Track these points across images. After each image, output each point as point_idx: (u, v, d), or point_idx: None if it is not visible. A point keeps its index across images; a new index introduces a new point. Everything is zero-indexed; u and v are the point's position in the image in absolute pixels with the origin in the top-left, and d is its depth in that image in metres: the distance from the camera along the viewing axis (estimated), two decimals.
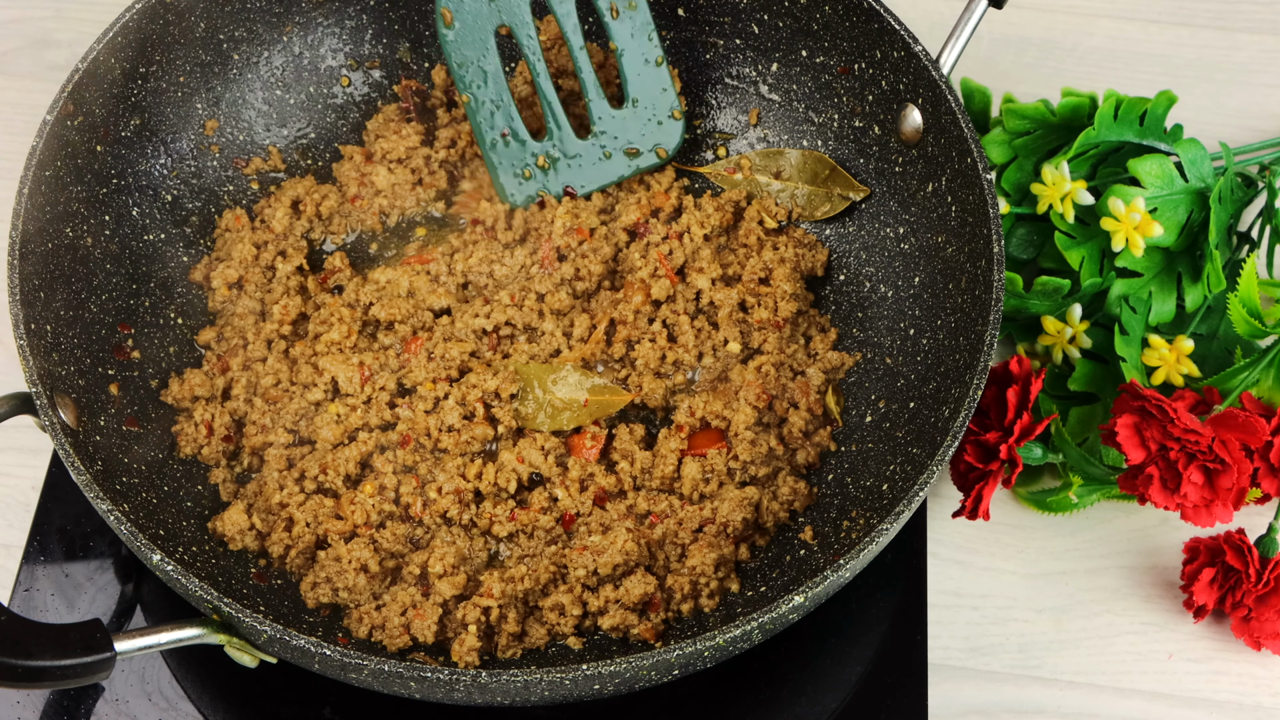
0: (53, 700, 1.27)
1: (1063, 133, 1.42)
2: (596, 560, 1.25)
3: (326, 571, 1.25)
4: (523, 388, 1.33)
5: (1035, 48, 1.59)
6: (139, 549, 1.13)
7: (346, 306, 1.36)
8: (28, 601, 1.30)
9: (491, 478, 1.29)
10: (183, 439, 1.30)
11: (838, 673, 1.29)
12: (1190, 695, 1.30)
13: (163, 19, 1.33)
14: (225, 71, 1.40)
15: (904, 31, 1.31)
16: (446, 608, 1.24)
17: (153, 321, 1.34)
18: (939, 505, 1.36)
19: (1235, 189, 1.37)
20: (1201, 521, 1.26)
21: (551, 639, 1.25)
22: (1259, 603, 1.28)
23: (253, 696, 1.27)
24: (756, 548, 1.29)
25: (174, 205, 1.38)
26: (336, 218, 1.41)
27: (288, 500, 1.28)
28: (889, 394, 1.32)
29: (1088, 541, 1.36)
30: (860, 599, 1.31)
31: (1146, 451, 1.26)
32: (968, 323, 1.25)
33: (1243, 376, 1.30)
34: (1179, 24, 1.61)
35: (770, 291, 1.37)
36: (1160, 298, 1.35)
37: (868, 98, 1.36)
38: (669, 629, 1.25)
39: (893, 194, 1.37)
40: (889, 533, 1.15)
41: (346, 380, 1.32)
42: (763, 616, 1.11)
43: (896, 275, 1.36)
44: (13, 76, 1.56)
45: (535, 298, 1.36)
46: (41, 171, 1.24)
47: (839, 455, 1.32)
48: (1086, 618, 1.33)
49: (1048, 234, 1.41)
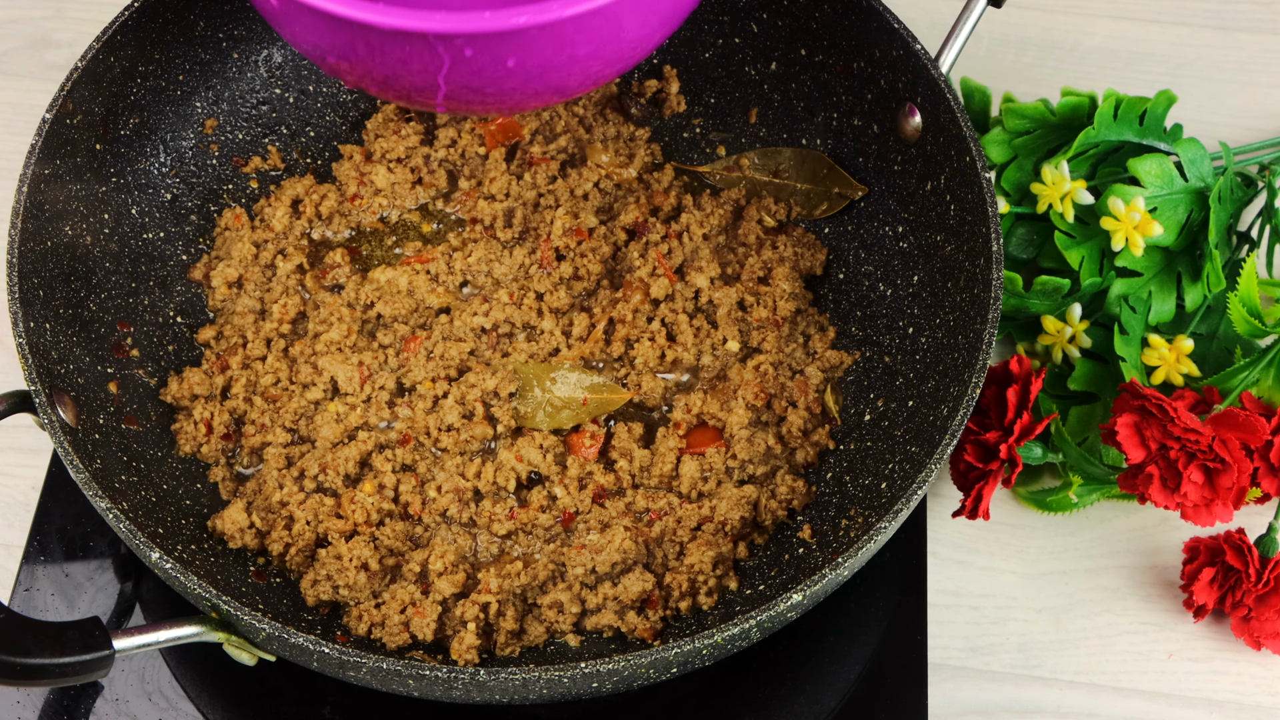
0: (52, 699, 1.27)
1: (1063, 132, 1.42)
2: (595, 558, 1.25)
3: (327, 569, 1.25)
4: (522, 386, 1.33)
5: (1035, 48, 1.59)
6: (138, 547, 1.13)
7: (346, 306, 1.36)
8: (28, 601, 1.30)
9: (491, 476, 1.29)
10: (182, 437, 1.31)
11: (837, 672, 1.29)
12: (1190, 695, 1.30)
13: (162, 18, 1.33)
14: (225, 70, 1.40)
15: (903, 30, 1.31)
16: (446, 606, 1.24)
17: (152, 320, 1.34)
18: (939, 505, 1.36)
19: (1235, 189, 1.37)
20: (1201, 521, 1.26)
21: (550, 637, 1.25)
22: (1259, 602, 1.27)
23: (252, 696, 1.28)
24: (755, 546, 1.29)
25: (173, 204, 1.38)
26: (336, 217, 1.41)
27: (288, 499, 1.28)
28: (888, 392, 1.32)
29: (1088, 541, 1.36)
30: (859, 598, 1.31)
31: (1146, 451, 1.26)
32: (966, 321, 1.25)
33: (1243, 376, 1.30)
34: (1179, 24, 1.61)
35: (769, 290, 1.37)
36: (1160, 297, 1.35)
37: (867, 96, 1.36)
38: (667, 627, 1.25)
39: (891, 193, 1.37)
40: (887, 531, 1.15)
41: (346, 379, 1.32)
42: (761, 615, 1.11)
43: (895, 274, 1.36)
44: (13, 76, 1.56)
45: (534, 297, 1.36)
46: (41, 170, 1.25)
47: (838, 454, 1.32)
48: (1086, 618, 1.33)
49: (1047, 234, 1.41)
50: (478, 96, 1.10)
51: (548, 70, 1.08)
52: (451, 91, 1.09)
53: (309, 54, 1.12)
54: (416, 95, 1.11)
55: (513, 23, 1.01)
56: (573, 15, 1.02)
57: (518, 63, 1.06)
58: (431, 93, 1.09)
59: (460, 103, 1.12)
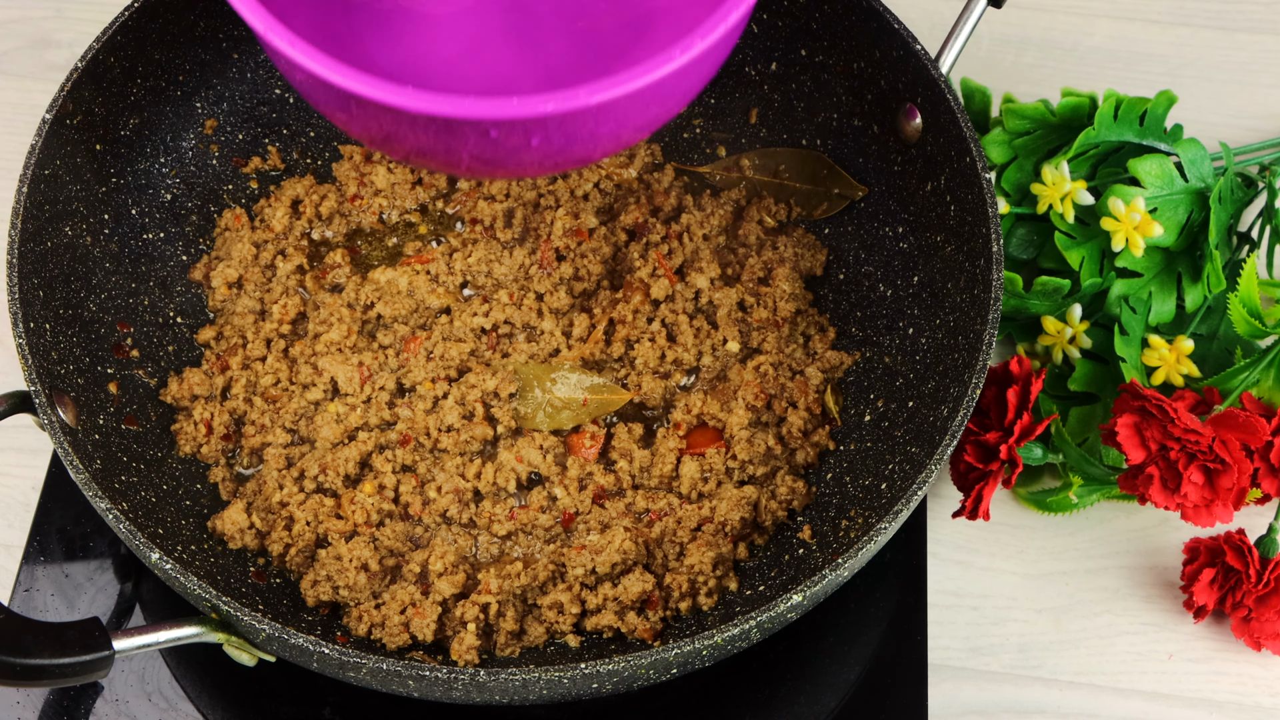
0: (52, 699, 1.27)
1: (1063, 133, 1.42)
2: (595, 559, 1.25)
3: (327, 570, 1.25)
4: (522, 387, 1.33)
5: (1035, 48, 1.59)
6: (137, 547, 1.13)
7: (346, 306, 1.36)
8: (28, 601, 1.30)
9: (491, 477, 1.29)
10: (182, 438, 1.31)
11: (837, 672, 1.29)
12: (1190, 695, 1.30)
13: (162, 18, 1.33)
14: (225, 70, 1.40)
15: (903, 30, 1.31)
16: (446, 606, 1.24)
17: (152, 320, 1.34)
18: (939, 505, 1.36)
19: (1235, 189, 1.37)
20: (1201, 521, 1.26)
21: (550, 637, 1.25)
22: (1259, 603, 1.28)
23: (252, 696, 1.28)
24: (755, 546, 1.29)
25: (173, 204, 1.38)
26: (336, 217, 1.41)
27: (288, 499, 1.28)
28: (888, 393, 1.32)
29: (1088, 541, 1.36)
30: (860, 599, 1.31)
31: (1146, 451, 1.26)
32: (966, 322, 1.25)
33: (1243, 376, 1.30)
34: (1179, 24, 1.61)
35: (769, 291, 1.37)
36: (1160, 298, 1.35)
37: (867, 97, 1.36)
38: (667, 628, 1.25)
39: (891, 193, 1.37)
40: (887, 532, 1.15)
41: (346, 380, 1.32)
42: (761, 615, 1.11)
43: (895, 274, 1.36)
44: (13, 76, 1.56)
45: (534, 297, 1.36)
46: (41, 170, 1.25)
47: (838, 454, 1.32)
48: (1086, 618, 1.33)
49: (1048, 234, 1.41)
50: (499, 168, 1.11)
51: (570, 146, 1.08)
52: (473, 164, 1.09)
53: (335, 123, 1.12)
54: (437, 165, 1.11)
55: (539, 110, 1.01)
56: (598, 103, 1.01)
57: (541, 141, 1.06)
58: (454, 165, 1.10)
59: (481, 172, 1.14)
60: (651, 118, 1.10)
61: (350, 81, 1.01)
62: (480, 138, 1.04)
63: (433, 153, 1.09)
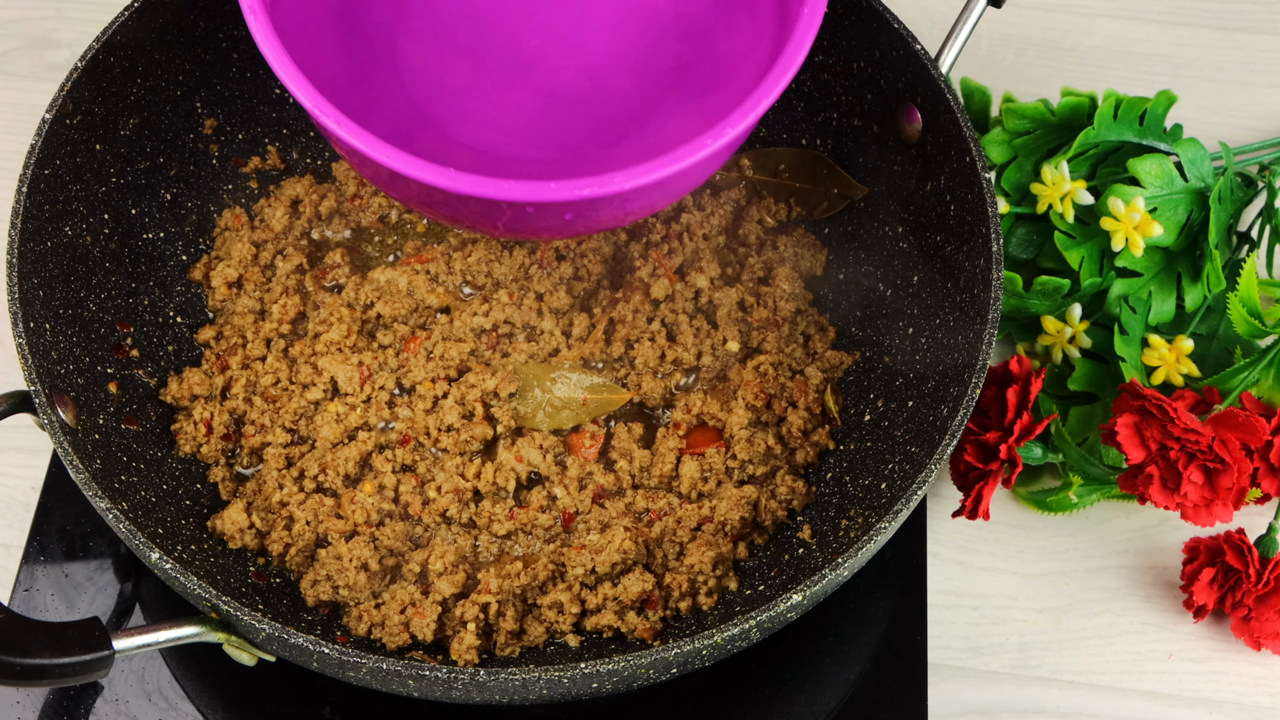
0: (52, 699, 1.27)
1: (1063, 132, 1.42)
2: (595, 558, 1.25)
3: (327, 569, 1.25)
4: (522, 387, 1.33)
5: (1035, 48, 1.59)
6: (137, 547, 1.13)
7: (346, 306, 1.36)
8: (28, 601, 1.30)
9: (490, 477, 1.29)
10: (182, 437, 1.31)
11: (837, 672, 1.29)
12: (1190, 695, 1.30)
13: (162, 18, 1.33)
14: (225, 70, 1.40)
15: (903, 30, 1.30)
16: (446, 606, 1.24)
17: (152, 320, 1.34)
18: (939, 505, 1.36)
19: (1235, 189, 1.37)
20: (1201, 521, 1.26)
21: (550, 637, 1.25)
22: (1259, 603, 1.28)
23: (252, 696, 1.28)
24: (755, 546, 1.29)
25: (173, 204, 1.38)
26: (336, 217, 1.41)
27: (287, 499, 1.28)
28: (887, 393, 1.32)
29: (1088, 541, 1.36)
30: (859, 598, 1.31)
31: (1146, 451, 1.26)
32: (966, 321, 1.25)
33: (1243, 376, 1.30)
34: (1179, 24, 1.61)
35: (769, 290, 1.37)
36: (1160, 298, 1.35)
37: (867, 96, 1.36)
38: (667, 627, 1.25)
39: (891, 193, 1.37)
40: (887, 531, 1.15)
41: (346, 380, 1.32)
42: (761, 615, 1.11)
43: (895, 274, 1.36)
44: (13, 76, 1.56)
45: (534, 297, 1.36)
46: (40, 170, 1.25)
47: (837, 454, 1.32)
48: (1086, 618, 1.33)
49: (1047, 234, 1.41)
50: (533, 233, 1.19)
51: (601, 220, 1.15)
52: (507, 230, 1.15)
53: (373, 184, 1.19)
54: (470, 229, 1.18)
55: (576, 194, 1.06)
56: (632, 187, 1.07)
57: (575, 216, 1.12)
58: (489, 229, 1.16)
59: (514, 236, 1.21)
60: (682, 191, 1.17)
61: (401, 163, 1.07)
62: (516, 213, 1.10)
63: (470, 220, 1.14)
